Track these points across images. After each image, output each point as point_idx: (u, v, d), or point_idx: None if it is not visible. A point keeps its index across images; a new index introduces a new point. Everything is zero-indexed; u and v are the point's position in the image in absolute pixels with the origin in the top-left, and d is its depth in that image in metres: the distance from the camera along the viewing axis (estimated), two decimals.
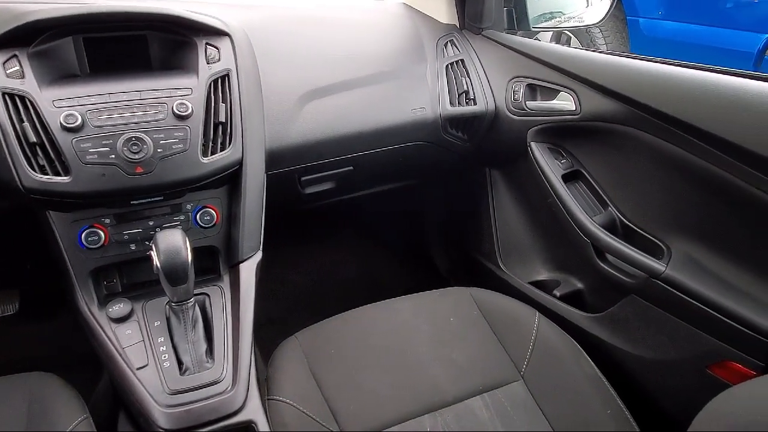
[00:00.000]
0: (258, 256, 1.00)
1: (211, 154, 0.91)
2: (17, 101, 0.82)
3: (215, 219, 0.97)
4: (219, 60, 0.96)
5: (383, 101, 1.19)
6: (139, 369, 0.83)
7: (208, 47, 0.96)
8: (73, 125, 0.82)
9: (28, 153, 0.82)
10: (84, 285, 0.91)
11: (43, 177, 0.82)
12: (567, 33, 3.27)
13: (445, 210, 1.74)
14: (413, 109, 1.22)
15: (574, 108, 1.11)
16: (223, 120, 0.92)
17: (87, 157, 0.83)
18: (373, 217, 1.89)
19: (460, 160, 1.40)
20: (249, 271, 0.97)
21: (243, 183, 0.96)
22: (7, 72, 0.83)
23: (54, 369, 0.91)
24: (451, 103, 1.26)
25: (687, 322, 0.97)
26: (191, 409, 0.81)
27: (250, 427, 0.84)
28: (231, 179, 0.97)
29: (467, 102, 1.27)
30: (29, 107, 0.82)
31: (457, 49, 1.32)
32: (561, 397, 0.94)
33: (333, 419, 0.90)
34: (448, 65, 1.28)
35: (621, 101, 1.01)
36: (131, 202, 0.90)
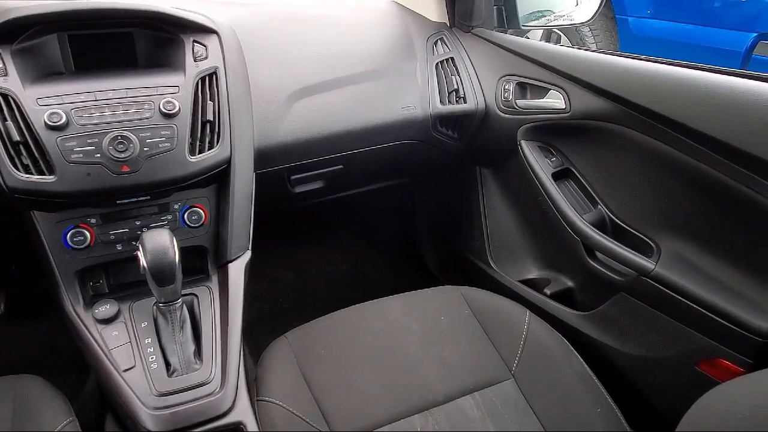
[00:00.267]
0: (247, 255, 0.99)
1: (199, 152, 0.90)
2: (0, 99, 0.81)
3: (203, 218, 0.96)
4: (206, 58, 0.95)
5: (373, 99, 1.19)
6: (126, 371, 0.82)
7: (195, 45, 0.95)
8: (58, 124, 0.81)
9: (11, 152, 0.80)
10: (70, 286, 0.89)
11: (27, 176, 0.80)
12: (557, 32, 3.28)
13: (436, 208, 1.74)
14: (403, 108, 1.21)
15: (564, 106, 1.11)
16: (211, 118, 0.92)
17: (72, 156, 0.81)
18: (364, 216, 1.89)
19: (450, 158, 1.40)
20: (238, 271, 0.96)
21: (231, 182, 0.95)
22: None
23: (40, 371, 0.90)
24: (441, 102, 1.26)
25: (676, 319, 0.98)
26: (179, 411, 0.80)
27: (238, 429, 0.83)
28: (219, 178, 0.96)
29: (457, 100, 1.27)
30: (12, 105, 0.81)
31: (447, 48, 1.31)
32: (551, 396, 0.94)
33: (323, 419, 0.89)
34: (438, 63, 1.28)
35: (611, 99, 1.01)
36: (117, 201, 0.89)
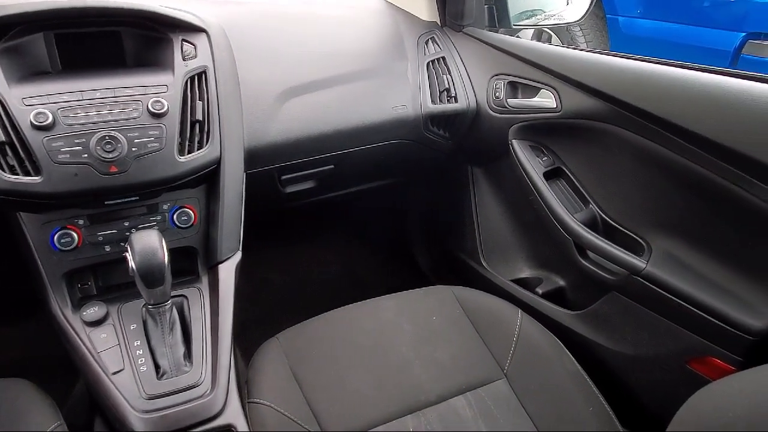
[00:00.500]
0: (237, 256, 0.98)
1: (188, 152, 0.89)
2: None
3: (193, 219, 0.95)
4: (195, 56, 0.94)
5: (364, 99, 1.18)
6: (115, 374, 0.81)
7: (184, 43, 0.94)
8: (44, 124, 0.79)
9: None
10: (57, 288, 0.88)
11: (13, 177, 0.79)
12: (548, 31, 3.29)
13: (428, 208, 1.74)
14: (394, 107, 1.21)
15: (555, 105, 1.11)
16: (200, 118, 0.91)
17: (59, 157, 0.80)
18: (356, 216, 1.88)
19: (442, 158, 1.40)
20: (228, 272, 0.95)
21: (221, 182, 0.94)
22: None
23: (28, 374, 0.88)
24: (433, 101, 1.25)
25: (667, 318, 0.98)
26: (168, 414, 0.79)
27: None
28: (209, 178, 0.95)
29: (448, 100, 1.27)
30: None
31: (438, 47, 1.31)
32: (544, 395, 0.94)
33: (315, 421, 0.89)
34: (429, 63, 1.28)
35: (601, 99, 1.01)
36: (105, 202, 0.88)
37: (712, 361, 0.92)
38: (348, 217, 1.89)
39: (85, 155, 0.82)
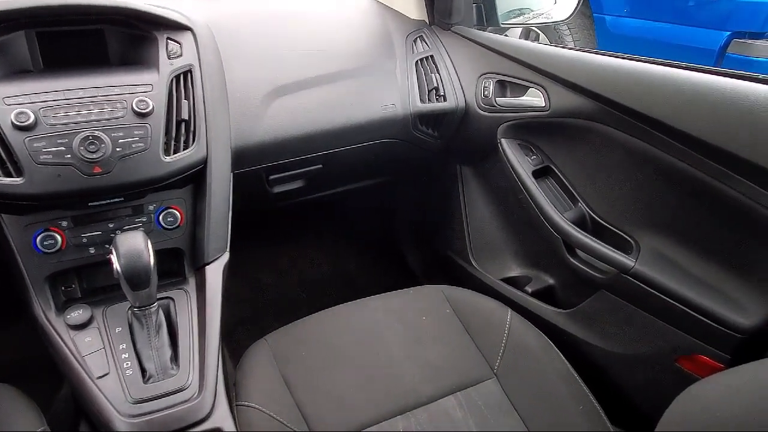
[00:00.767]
0: (225, 257, 0.97)
1: (174, 152, 0.88)
2: None
3: (179, 220, 0.94)
4: (181, 55, 0.93)
5: (352, 98, 1.18)
6: (100, 378, 0.80)
7: (169, 42, 0.93)
8: (25, 124, 0.78)
9: None
10: (40, 291, 0.86)
11: None
12: (535, 30, 3.30)
13: (417, 207, 1.73)
14: (383, 106, 1.20)
15: (543, 104, 1.11)
16: (186, 117, 0.89)
17: (41, 157, 0.79)
18: (344, 216, 1.87)
19: (431, 157, 1.40)
20: (216, 274, 0.94)
21: (208, 182, 0.93)
22: None
23: (11, 379, 0.87)
24: (421, 100, 1.25)
25: (656, 316, 0.98)
26: (155, 419, 0.78)
27: None
28: (195, 179, 0.94)
29: (437, 98, 1.26)
30: None
31: (427, 45, 1.31)
32: (534, 394, 0.94)
33: (304, 423, 0.88)
34: (417, 61, 1.27)
35: (589, 97, 1.01)
36: (89, 203, 0.87)
37: (700, 359, 0.92)
38: (337, 217, 1.88)
39: (68, 156, 0.80)
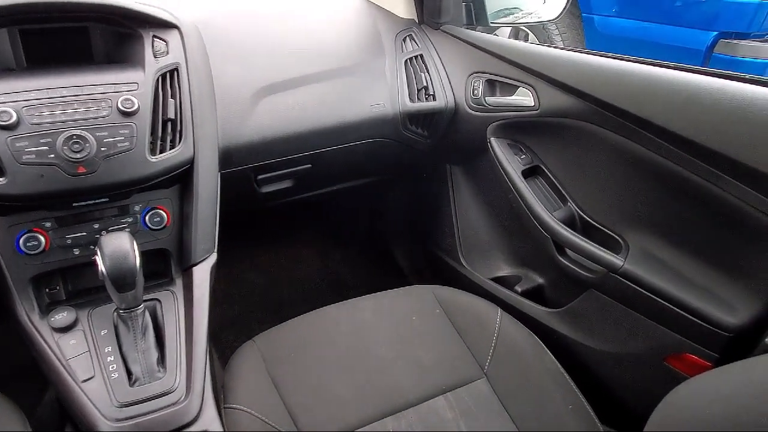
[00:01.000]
0: (213, 258, 0.96)
1: (160, 152, 0.87)
2: None
3: (166, 220, 0.93)
4: (167, 53, 0.91)
5: (341, 97, 1.17)
6: (85, 381, 0.78)
7: (155, 40, 0.91)
8: (7, 123, 0.76)
9: None
10: (23, 293, 0.85)
11: None
12: (524, 29, 3.31)
13: (407, 207, 1.73)
14: (372, 105, 1.20)
15: (533, 104, 1.11)
16: (172, 116, 0.88)
17: (23, 157, 0.77)
18: (334, 216, 1.87)
19: (420, 156, 1.39)
20: (203, 275, 0.93)
21: (195, 182, 0.92)
22: None
23: None
24: (411, 99, 1.24)
25: (645, 315, 0.99)
26: (141, 422, 0.76)
27: None
28: (182, 179, 0.93)
29: (427, 98, 1.26)
30: None
31: (416, 44, 1.30)
32: (524, 394, 0.94)
33: (293, 425, 0.87)
34: (406, 60, 1.27)
35: (578, 97, 1.01)
36: (74, 204, 0.85)
37: (688, 358, 0.93)
38: (326, 217, 1.87)
39: (52, 155, 0.79)
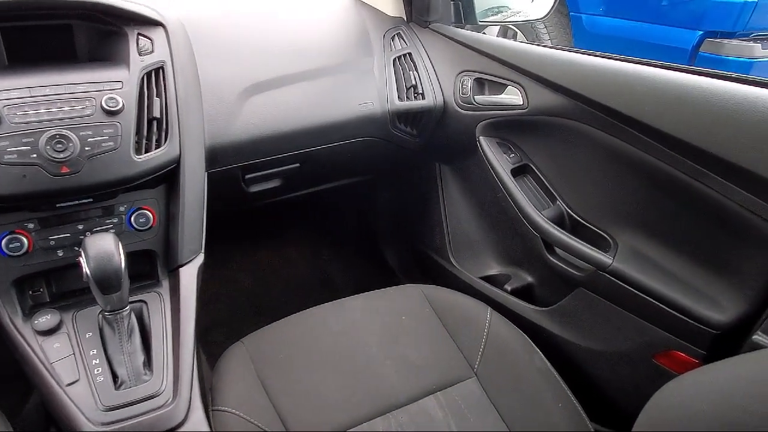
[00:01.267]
0: (200, 259, 0.95)
1: (146, 151, 0.86)
2: None
3: (152, 221, 0.91)
4: (152, 51, 0.90)
5: (329, 96, 1.16)
6: (69, 385, 0.77)
7: (140, 38, 0.90)
8: None
9: None
10: (6, 296, 0.83)
11: None
12: (513, 28, 3.32)
13: (396, 206, 1.73)
14: (360, 104, 1.19)
15: (521, 102, 1.11)
16: (158, 115, 0.87)
17: (5, 157, 0.76)
18: (323, 215, 1.86)
19: (409, 155, 1.39)
20: (190, 276, 0.92)
21: (181, 182, 0.91)
22: None
23: None
24: (399, 98, 1.24)
25: (633, 313, 0.99)
26: (127, 426, 0.75)
27: None
28: (168, 178, 0.92)
29: (415, 96, 1.26)
30: None
31: (405, 43, 1.30)
32: (514, 393, 0.94)
33: (282, 427, 0.86)
34: (395, 59, 1.26)
35: (567, 95, 1.01)
36: (57, 204, 0.84)
37: (676, 355, 0.93)
38: (315, 216, 1.86)
39: (34, 155, 0.77)
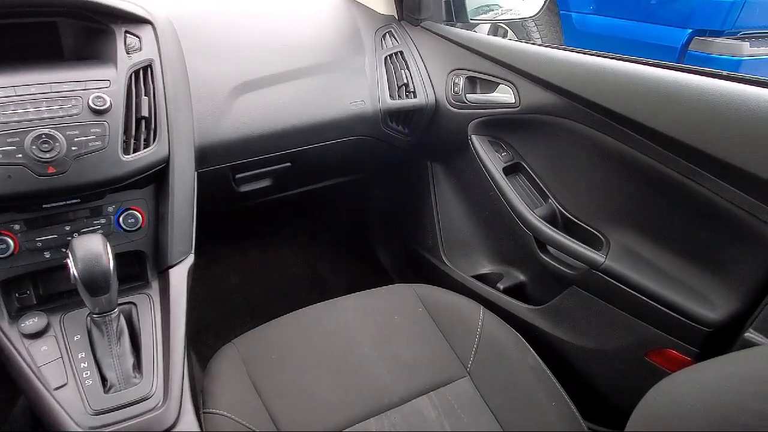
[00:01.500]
0: (190, 260, 0.93)
1: (134, 151, 0.85)
2: None
3: (141, 221, 0.90)
4: (140, 49, 0.89)
5: (320, 94, 1.15)
6: (57, 389, 0.76)
7: (127, 36, 0.89)
8: None
9: None
10: None
11: None
12: (503, 26, 3.32)
13: (388, 205, 1.72)
14: (352, 103, 1.18)
15: (513, 101, 1.11)
16: (146, 114, 0.86)
17: None
18: (315, 214, 1.85)
19: (401, 154, 1.38)
20: (180, 277, 0.90)
21: (170, 182, 0.90)
22: None
23: None
24: (391, 96, 1.23)
25: (626, 311, 0.99)
26: (117, 430, 0.74)
27: None
28: (157, 178, 0.90)
29: (407, 95, 1.25)
30: None
31: (396, 41, 1.29)
32: (507, 392, 0.94)
33: (274, 428, 0.85)
34: (386, 57, 1.26)
35: (559, 94, 1.01)
36: (44, 205, 0.82)
37: (669, 353, 0.93)
38: (307, 216, 1.85)
39: (20, 155, 0.76)
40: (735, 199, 0.79)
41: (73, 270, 0.73)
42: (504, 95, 1.16)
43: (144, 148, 0.86)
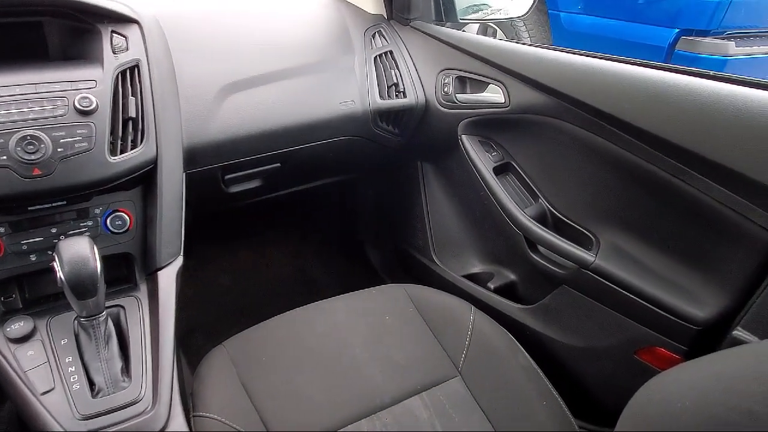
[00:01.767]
0: (179, 261, 0.93)
1: (121, 152, 0.84)
2: None
3: (128, 224, 0.89)
4: (127, 49, 0.88)
5: (310, 94, 1.15)
6: (44, 394, 0.75)
7: (114, 35, 0.88)
8: None
9: None
10: None
11: None
12: (493, 26, 3.32)
13: (378, 205, 1.72)
14: (341, 102, 1.18)
15: (503, 100, 1.11)
16: (133, 115, 0.85)
17: None
18: (305, 214, 1.84)
19: (392, 154, 1.38)
20: (168, 279, 0.90)
21: (158, 183, 0.89)
22: None
23: None
24: (381, 96, 1.23)
25: (615, 310, 1.00)
26: None
27: None
28: (145, 179, 0.89)
29: (397, 95, 1.25)
30: None
31: (386, 40, 1.29)
32: (498, 392, 0.94)
33: (265, 431, 0.85)
34: (376, 57, 1.25)
35: (548, 93, 1.01)
36: (29, 208, 0.81)
37: (658, 351, 0.94)
38: (297, 216, 1.85)
39: (4, 157, 0.75)
40: (722, 198, 0.80)
41: (60, 273, 0.72)
42: (494, 95, 1.16)
43: (131, 149, 0.85)
